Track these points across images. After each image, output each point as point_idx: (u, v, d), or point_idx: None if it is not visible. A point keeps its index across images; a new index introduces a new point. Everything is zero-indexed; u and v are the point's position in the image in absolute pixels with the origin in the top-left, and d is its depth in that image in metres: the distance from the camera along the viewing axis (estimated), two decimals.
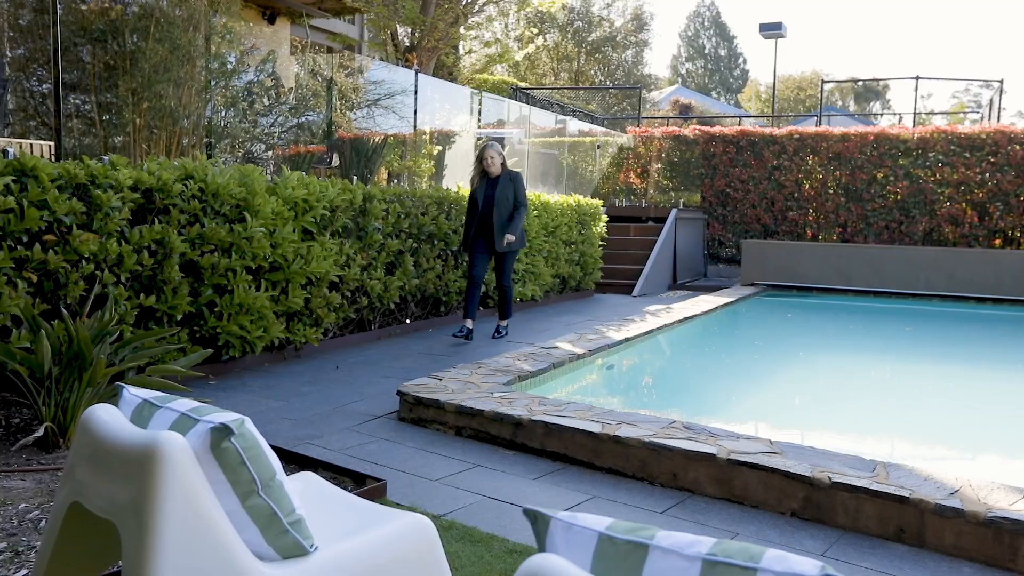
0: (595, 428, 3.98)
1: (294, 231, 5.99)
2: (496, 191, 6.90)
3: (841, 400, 6.42)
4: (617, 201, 15.15)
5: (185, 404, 1.97)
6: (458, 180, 10.07)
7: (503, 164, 6.97)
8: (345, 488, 3.51)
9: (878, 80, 38.49)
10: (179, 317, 5.24)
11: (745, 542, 1.20)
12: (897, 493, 3.15)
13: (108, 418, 1.97)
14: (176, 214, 5.20)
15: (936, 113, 30.07)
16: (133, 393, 2.08)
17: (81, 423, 2.00)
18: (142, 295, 5.00)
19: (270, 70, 9.55)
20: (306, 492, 2.38)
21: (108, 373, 3.84)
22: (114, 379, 4.15)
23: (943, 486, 3.25)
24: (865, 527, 3.22)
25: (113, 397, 3.85)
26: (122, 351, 4.18)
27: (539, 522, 1.34)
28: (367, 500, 3.27)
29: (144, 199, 5.09)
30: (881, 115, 45.80)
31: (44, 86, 7.61)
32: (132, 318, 4.93)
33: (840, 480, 3.29)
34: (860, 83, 47.44)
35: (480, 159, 6.98)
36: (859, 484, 3.24)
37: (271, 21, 12.72)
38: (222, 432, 1.83)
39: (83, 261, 4.65)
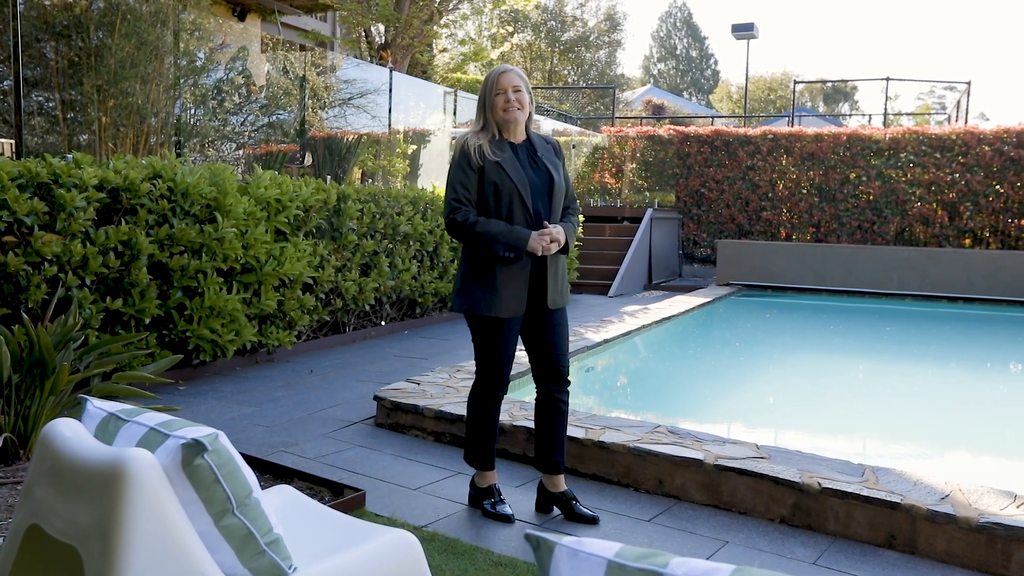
0: (578, 433, 3.89)
1: (267, 232, 5.84)
2: (551, 173, 3.29)
3: (824, 401, 6.40)
4: (592, 201, 15.10)
5: (154, 418, 1.85)
6: (433, 179, 9.94)
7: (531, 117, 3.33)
8: (322, 499, 3.39)
9: (847, 81, 38.95)
10: (147, 321, 5.07)
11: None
12: (888, 499, 3.10)
13: (70, 434, 1.83)
14: (144, 214, 5.03)
15: (903, 114, 30.48)
16: (98, 406, 1.95)
17: (41, 439, 1.87)
18: (108, 298, 4.83)
19: (241, 67, 9.35)
20: (283, 508, 2.26)
21: (72, 380, 3.68)
22: (78, 386, 3.99)
23: (933, 491, 3.20)
24: (856, 534, 3.16)
25: (78, 405, 3.69)
26: (87, 357, 4.01)
27: (542, 549, 1.24)
28: (347, 513, 3.15)
29: (110, 199, 4.91)
30: (850, 116, 46.38)
31: (4, 83, 7.36)
32: (98, 322, 4.76)
33: (830, 486, 3.23)
34: (830, 84, 47.96)
35: (489, 100, 3.23)
36: (849, 490, 3.18)
37: (241, 18, 12.51)
38: (194, 448, 1.71)
39: (45, 263, 4.48)
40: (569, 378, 3.39)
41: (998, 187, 12.27)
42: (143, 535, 1.63)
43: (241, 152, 9.19)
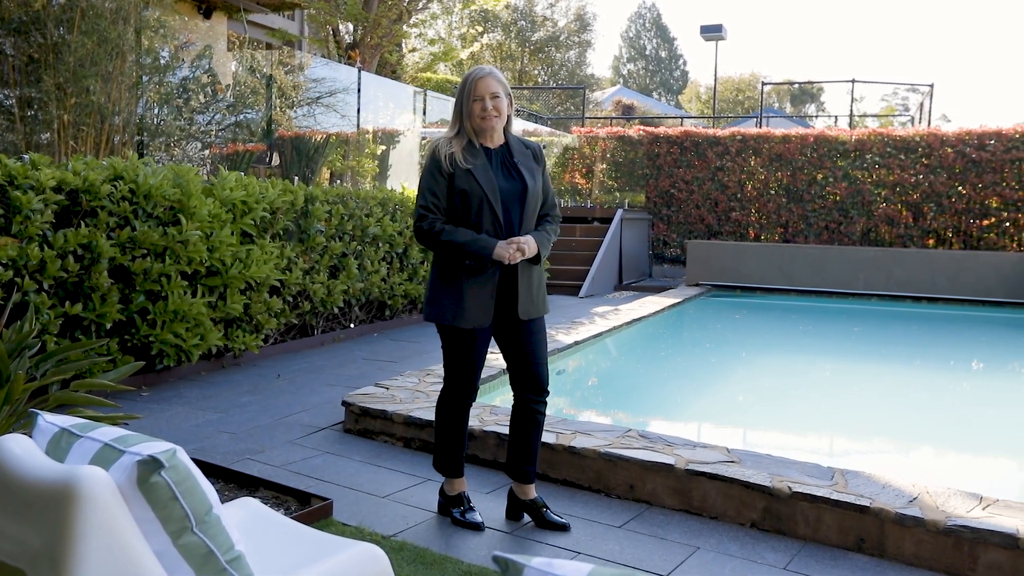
0: (549, 438, 3.86)
1: (232, 234, 5.73)
2: (525, 180, 3.18)
3: (793, 402, 6.44)
4: (562, 201, 15.10)
5: (109, 433, 1.78)
6: (403, 180, 9.86)
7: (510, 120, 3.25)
8: (289, 509, 3.32)
9: (813, 83, 39.44)
10: (108, 326, 4.95)
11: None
12: (857, 502, 3.11)
13: (19, 451, 1.76)
14: (105, 217, 4.91)
15: (868, 116, 30.95)
16: (49, 421, 1.88)
17: None
18: (67, 303, 4.71)
19: (206, 66, 9.19)
20: (246, 522, 2.19)
21: (28, 389, 3.56)
22: (35, 395, 3.87)
23: (901, 493, 3.22)
24: (825, 537, 3.17)
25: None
26: (44, 364, 3.89)
27: (510, 570, 1.20)
28: (314, 523, 3.10)
29: (69, 201, 4.79)
30: (816, 117, 46.95)
31: None
32: (56, 328, 4.64)
33: (800, 490, 3.23)
34: (797, 85, 48.52)
35: (466, 107, 3.13)
36: (819, 494, 3.19)
37: (207, 16, 12.30)
38: (151, 465, 1.65)
39: (0, 267, 4.34)
40: (548, 388, 3.32)
41: (960, 188, 12.47)
42: (96, 557, 1.56)
43: (207, 152, 9.04)
